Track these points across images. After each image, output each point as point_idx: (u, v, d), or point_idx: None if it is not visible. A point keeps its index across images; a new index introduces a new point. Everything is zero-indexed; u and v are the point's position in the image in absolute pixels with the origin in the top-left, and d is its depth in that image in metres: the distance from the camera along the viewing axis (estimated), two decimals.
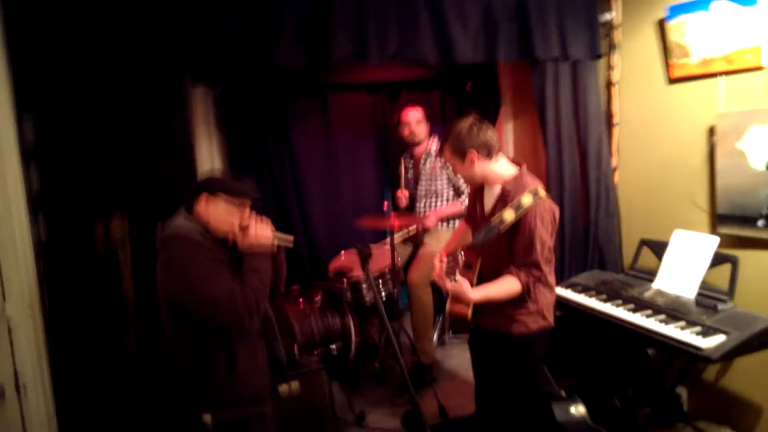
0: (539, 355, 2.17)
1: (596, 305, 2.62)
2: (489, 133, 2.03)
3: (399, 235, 3.54)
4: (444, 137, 2.12)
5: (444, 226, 3.54)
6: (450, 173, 3.44)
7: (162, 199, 2.32)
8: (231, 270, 1.83)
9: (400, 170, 3.72)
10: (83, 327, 2.36)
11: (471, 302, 1.97)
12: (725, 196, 2.48)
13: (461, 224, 2.44)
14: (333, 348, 3.21)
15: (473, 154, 2.01)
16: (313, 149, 3.86)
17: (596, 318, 2.59)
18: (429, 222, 3.41)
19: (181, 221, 1.87)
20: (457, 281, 1.87)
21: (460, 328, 2.17)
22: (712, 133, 2.53)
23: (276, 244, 1.96)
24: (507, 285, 1.96)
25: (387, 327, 2.00)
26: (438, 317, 3.73)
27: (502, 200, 2.04)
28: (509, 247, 2.00)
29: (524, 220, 1.94)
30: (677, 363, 2.57)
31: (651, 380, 2.75)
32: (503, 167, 2.09)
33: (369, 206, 4.05)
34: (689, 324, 2.24)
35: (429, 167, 3.51)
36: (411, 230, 3.59)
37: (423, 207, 3.57)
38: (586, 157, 3.05)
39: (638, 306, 2.49)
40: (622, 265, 3.11)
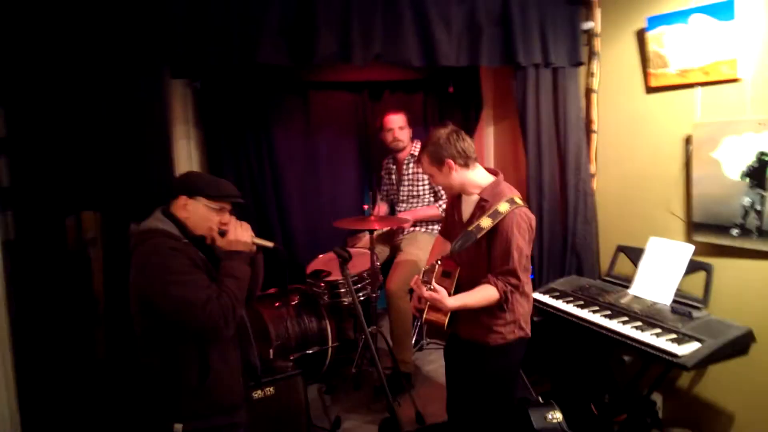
0: (516, 365, 2.17)
1: (573, 311, 2.63)
2: (466, 143, 2.06)
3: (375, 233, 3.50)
4: (422, 147, 2.13)
5: (421, 231, 3.53)
6: (429, 178, 3.44)
7: (137, 198, 2.25)
8: (207, 274, 1.77)
9: (382, 173, 3.70)
10: (50, 325, 2.28)
11: (448, 309, 1.96)
12: (700, 205, 2.53)
13: (437, 238, 2.43)
14: (309, 352, 3.16)
15: (450, 163, 2.02)
16: (294, 148, 3.80)
17: (573, 323, 2.60)
18: (407, 223, 3.38)
19: (157, 221, 1.80)
20: (433, 288, 1.85)
21: (438, 335, 2.15)
22: (689, 143, 2.57)
23: (255, 249, 1.91)
24: (484, 293, 1.96)
25: (366, 333, 1.96)
26: (416, 323, 3.71)
27: (480, 208, 2.04)
28: (487, 256, 2.00)
29: (501, 228, 1.95)
30: (652, 370, 2.60)
31: (627, 387, 2.78)
32: (480, 176, 2.10)
33: (348, 207, 4.02)
34: (665, 331, 2.27)
35: (412, 171, 3.51)
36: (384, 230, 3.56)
37: (404, 210, 3.55)
38: (566, 164, 3.08)
39: (615, 312, 2.51)
40: (599, 272, 3.14)
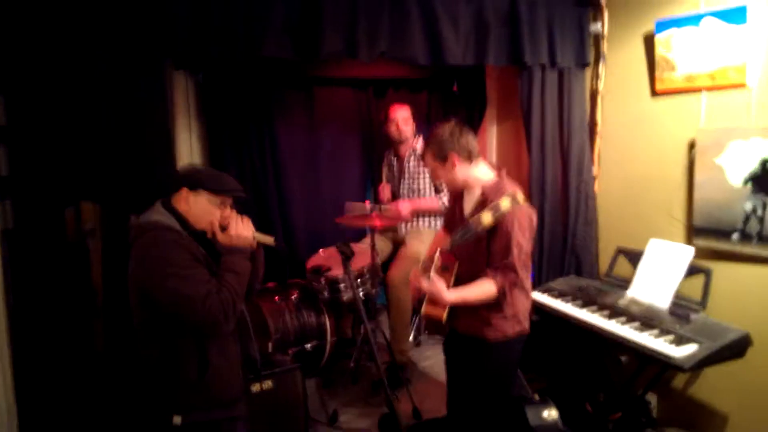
0: (514, 361, 2.19)
1: (572, 311, 2.65)
2: (469, 138, 2.07)
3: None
4: (426, 142, 2.13)
5: (425, 226, 3.53)
6: (431, 174, 3.43)
7: (137, 190, 2.24)
8: (207, 268, 1.77)
9: (383, 167, 3.69)
10: (49, 316, 2.27)
11: (446, 303, 1.97)
12: (702, 209, 2.53)
13: (441, 232, 2.44)
14: (308, 347, 3.17)
15: (454, 158, 2.03)
16: (296, 144, 3.79)
17: (571, 323, 2.61)
18: (403, 208, 3.36)
19: (157, 214, 1.79)
20: (431, 279, 1.85)
21: (437, 332, 2.16)
22: (692, 148, 2.57)
23: (255, 244, 1.90)
24: (483, 288, 1.97)
25: (366, 327, 1.97)
26: (415, 317, 3.73)
27: (481, 204, 2.05)
28: (487, 251, 2.01)
29: (502, 224, 1.96)
30: (648, 370, 2.62)
31: (623, 386, 2.80)
32: (483, 172, 2.11)
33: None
34: (662, 332, 2.28)
35: (413, 165, 3.51)
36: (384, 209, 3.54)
37: None
38: (568, 165, 3.08)
39: (613, 313, 2.52)
40: (598, 272, 3.15)
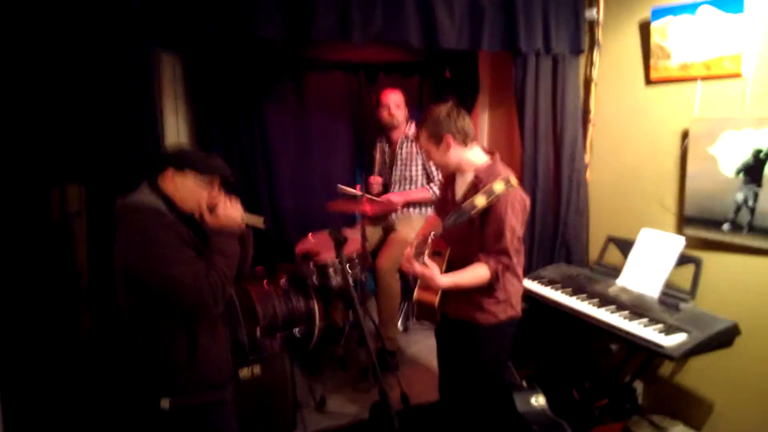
0: (507, 345, 2.18)
1: (561, 299, 2.65)
2: (466, 120, 2.04)
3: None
4: (420, 121, 2.09)
5: (415, 212, 3.51)
6: (425, 159, 3.41)
7: (123, 171, 2.18)
8: (195, 250, 1.73)
9: (375, 153, 3.65)
10: (32, 300, 2.22)
11: (439, 288, 1.95)
12: (694, 199, 2.54)
13: (432, 215, 2.41)
14: (296, 331, 3.15)
15: (449, 140, 2.00)
16: (285, 127, 3.72)
17: (560, 311, 2.62)
18: (395, 198, 3.35)
19: (143, 195, 1.74)
20: (425, 263, 1.83)
21: (427, 318, 2.14)
22: (686, 137, 2.57)
23: (244, 226, 1.87)
24: (476, 272, 1.95)
25: (358, 313, 1.95)
26: (403, 304, 3.72)
27: (474, 187, 2.03)
28: (479, 235, 2.00)
29: (495, 208, 1.94)
30: (635, 358, 2.64)
31: (610, 373, 2.82)
32: (477, 155, 2.08)
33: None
34: (652, 321, 2.30)
35: (405, 152, 3.47)
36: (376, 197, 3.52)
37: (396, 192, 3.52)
38: (561, 153, 3.07)
39: (603, 301, 2.53)
40: (588, 261, 3.16)
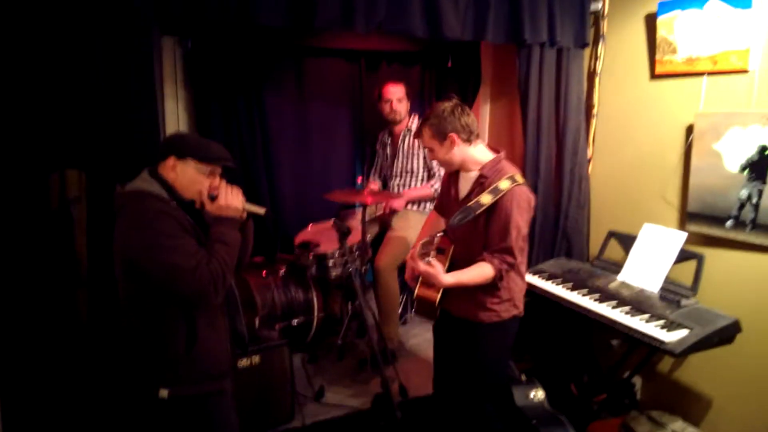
0: (509, 344, 2.17)
1: (562, 293, 2.64)
2: (470, 118, 2.01)
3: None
4: (423, 119, 2.05)
5: (413, 209, 3.49)
6: (427, 153, 3.38)
7: (123, 157, 2.15)
8: (196, 239, 1.71)
9: (377, 146, 3.62)
10: (31, 287, 2.19)
11: (443, 286, 1.93)
12: (697, 195, 2.52)
13: (432, 213, 2.38)
14: (294, 322, 3.14)
15: (453, 138, 1.97)
16: (285, 115, 3.68)
17: (560, 305, 2.61)
18: (397, 204, 3.35)
19: (144, 182, 1.72)
20: (430, 263, 1.81)
21: (426, 315, 2.12)
22: (690, 132, 2.55)
23: (245, 215, 1.85)
24: (480, 270, 1.93)
25: (362, 303, 1.93)
26: (402, 296, 3.71)
27: (479, 185, 2.00)
28: (484, 233, 1.97)
29: (500, 205, 1.92)
30: (635, 354, 2.64)
31: (609, 368, 2.82)
32: (482, 153, 2.06)
33: (339, 178, 3.95)
34: (653, 317, 2.29)
35: (407, 145, 3.44)
36: (378, 211, 3.53)
37: (397, 185, 3.51)
38: (563, 147, 3.05)
39: (604, 296, 2.52)
40: (588, 255, 3.15)
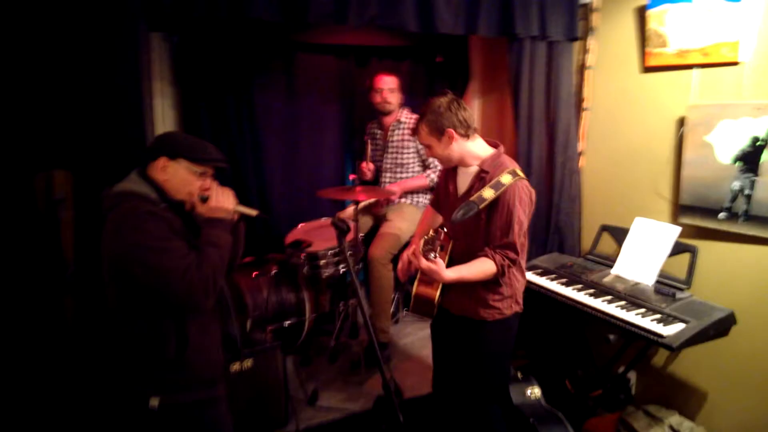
0: (511, 341, 2.14)
1: (557, 288, 2.63)
2: (467, 112, 1.98)
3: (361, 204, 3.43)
4: (420, 115, 2.01)
5: (407, 202, 3.46)
6: (419, 145, 3.36)
7: (111, 158, 2.09)
8: (186, 241, 1.66)
9: (366, 138, 3.58)
10: (16, 290, 2.12)
11: (444, 282, 1.88)
12: (689, 187, 2.53)
13: (427, 209, 2.35)
14: (286, 324, 3.09)
15: (451, 133, 1.94)
16: (275, 112, 3.62)
17: (554, 300, 2.60)
18: (393, 195, 3.33)
19: (133, 183, 1.67)
20: (435, 259, 1.77)
21: (423, 313, 2.08)
22: (682, 124, 2.55)
23: (236, 217, 1.80)
24: (482, 266, 1.89)
25: (360, 301, 1.89)
26: (394, 295, 3.68)
27: (479, 180, 1.97)
28: (485, 228, 1.94)
29: (502, 200, 1.89)
30: (630, 348, 2.64)
31: (605, 363, 2.82)
32: (480, 147, 2.03)
33: (329, 176, 3.90)
34: (649, 311, 2.29)
35: (397, 138, 3.41)
36: (371, 201, 3.47)
37: (389, 179, 3.47)
38: (555, 140, 3.05)
39: (598, 291, 2.52)
40: (580, 250, 3.15)
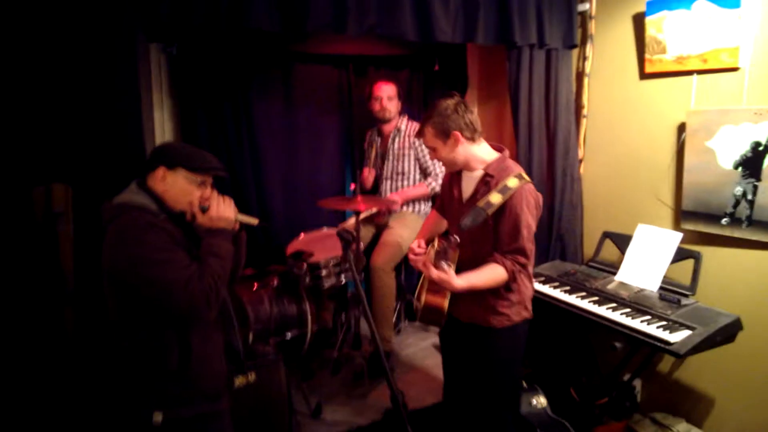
0: (521, 348, 2.11)
1: (561, 296, 2.61)
2: (473, 115, 1.96)
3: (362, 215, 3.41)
4: (425, 117, 2.00)
5: (409, 210, 3.45)
6: (419, 153, 3.36)
7: (110, 170, 2.07)
8: (187, 252, 1.64)
9: (366, 146, 3.57)
10: (15, 304, 2.09)
11: (455, 290, 1.83)
12: (691, 193, 2.52)
13: (432, 213, 2.34)
14: (288, 336, 3.05)
15: (457, 136, 1.92)
16: (273, 122, 3.61)
17: (558, 309, 2.58)
18: (395, 205, 3.31)
19: (132, 195, 1.66)
20: (446, 268, 1.73)
21: (432, 323, 2.05)
22: (682, 130, 2.55)
23: (238, 226, 1.78)
24: (492, 273, 1.86)
25: (366, 313, 1.87)
26: (396, 304, 3.66)
27: (485, 184, 1.95)
28: (492, 234, 1.92)
29: (510, 204, 1.87)
30: (636, 356, 2.61)
31: (610, 371, 2.79)
32: (486, 151, 2.01)
33: (329, 185, 3.88)
34: (654, 318, 2.27)
35: (397, 146, 3.41)
36: (373, 211, 3.46)
37: (388, 188, 3.46)
38: (554, 147, 3.05)
39: (602, 298, 2.50)
40: (582, 257, 3.13)
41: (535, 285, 2.74)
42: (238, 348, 2.15)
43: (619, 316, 2.32)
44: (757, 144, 2.27)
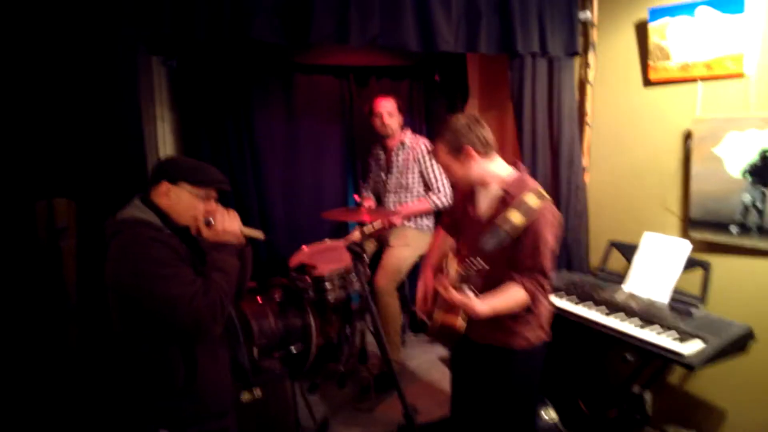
0: (539, 369, 2.04)
1: (569, 307, 2.58)
2: (486, 130, 1.92)
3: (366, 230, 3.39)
4: (438, 135, 1.96)
5: (410, 225, 3.42)
6: (423, 167, 3.35)
7: (112, 185, 2.05)
8: (192, 267, 1.62)
9: (370, 160, 3.56)
10: (18, 321, 2.07)
11: (479, 318, 1.77)
12: (699, 201, 2.50)
13: (439, 232, 2.27)
14: (293, 350, 3.01)
15: (470, 151, 1.88)
16: (275, 134, 3.60)
17: (566, 320, 2.54)
18: (396, 219, 3.29)
19: (136, 210, 1.64)
20: (470, 294, 1.68)
21: (445, 343, 1.98)
22: (688, 138, 2.54)
23: (243, 240, 1.76)
24: (514, 295, 1.81)
25: (376, 323, 1.83)
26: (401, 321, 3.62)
27: (502, 201, 1.90)
28: (511, 254, 1.85)
29: (532, 227, 1.81)
30: (647, 368, 2.57)
31: (622, 384, 2.75)
32: (500, 167, 1.97)
33: (331, 197, 3.87)
34: (665, 329, 2.23)
35: (401, 160, 3.39)
36: (375, 225, 3.44)
37: (392, 202, 3.44)
38: (559, 156, 3.03)
39: (611, 309, 2.46)
40: (588, 266, 3.11)
41: None
42: (245, 364, 2.12)
43: (629, 327, 2.29)
44: (766, 151, 2.25)
